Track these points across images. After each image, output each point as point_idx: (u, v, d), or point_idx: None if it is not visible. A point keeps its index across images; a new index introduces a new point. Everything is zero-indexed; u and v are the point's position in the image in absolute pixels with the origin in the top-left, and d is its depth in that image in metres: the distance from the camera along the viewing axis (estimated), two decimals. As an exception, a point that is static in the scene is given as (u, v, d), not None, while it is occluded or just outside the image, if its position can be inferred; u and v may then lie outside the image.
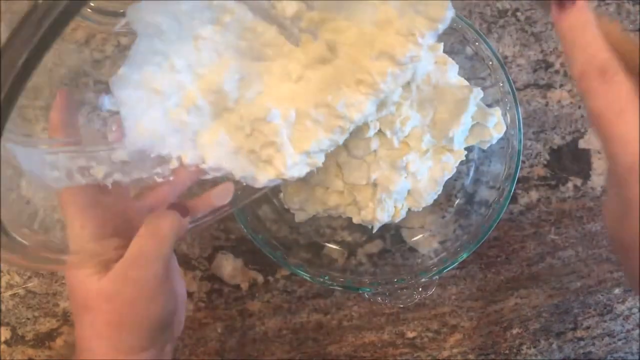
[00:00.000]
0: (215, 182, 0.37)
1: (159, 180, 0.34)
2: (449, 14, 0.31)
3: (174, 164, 0.33)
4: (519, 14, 0.52)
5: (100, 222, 0.33)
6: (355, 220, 0.47)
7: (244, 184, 0.36)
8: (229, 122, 0.34)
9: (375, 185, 0.45)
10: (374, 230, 0.48)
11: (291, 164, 0.34)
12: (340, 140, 0.35)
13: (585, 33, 0.24)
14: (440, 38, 0.45)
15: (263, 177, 0.34)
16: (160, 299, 0.32)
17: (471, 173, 0.50)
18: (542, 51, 0.52)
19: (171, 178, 0.34)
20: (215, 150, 0.33)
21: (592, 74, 0.24)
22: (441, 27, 0.32)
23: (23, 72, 0.22)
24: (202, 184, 0.39)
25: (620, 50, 0.24)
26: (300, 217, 0.48)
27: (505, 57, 0.52)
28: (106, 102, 0.34)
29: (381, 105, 0.39)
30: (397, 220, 0.48)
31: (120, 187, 0.33)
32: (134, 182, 0.33)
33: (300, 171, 0.35)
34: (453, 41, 0.46)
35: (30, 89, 0.54)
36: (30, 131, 0.50)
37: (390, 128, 0.43)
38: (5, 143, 0.27)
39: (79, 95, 0.43)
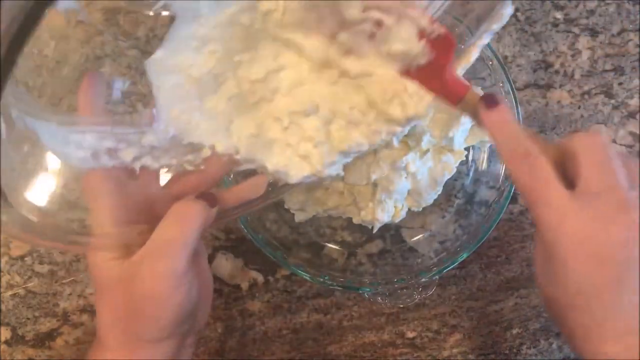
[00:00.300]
0: (246, 175, 0.36)
1: (190, 168, 0.33)
2: None
3: (206, 152, 0.32)
4: (518, 14, 0.52)
5: (124, 208, 0.32)
6: (356, 220, 0.47)
7: (270, 181, 0.35)
8: (266, 113, 0.33)
9: (375, 185, 0.45)
10: (374, 231, 0.48)
11: (328, 162, 0.33)
12: (382, 141, 0.34)
13: (509, 126, 0.30)
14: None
15: (297, 173, 0.33)
16: (182, 290, 0.31)
17: (471, 173, 0.50)
18: (542, 51, 0.53)
19: (202, 167, 0.33)
20: (250, 141, 0.32)
21: (518, 157, 0.29)
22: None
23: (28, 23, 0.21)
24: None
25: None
26: (300, 217, 0.48)
27: (505, 57, 0.52)
28: (118, 85, 0.33)
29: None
30: (397, 220, 0.48)
31: (148, 172, 0.32)
32: (163, 168, 0.32)
33: (336, 170, 0.34)
34: (453, 42, 0.46)
35: (33, 88, 0.54)
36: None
37: None
38: (25, 117, 0.26)
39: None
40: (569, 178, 0.29)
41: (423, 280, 0.45)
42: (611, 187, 0.27)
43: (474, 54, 0.34)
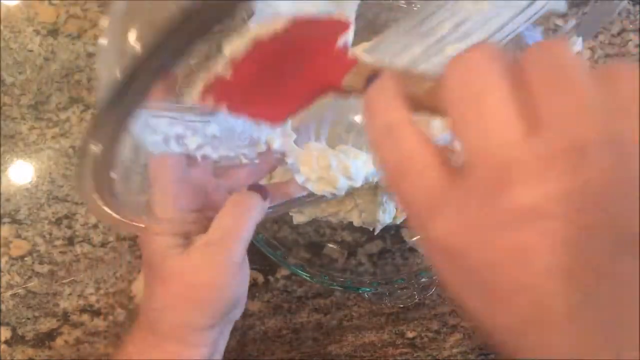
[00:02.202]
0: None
1: (244, 161, 0.34)
2: None
3: (261, 147, 0.34)
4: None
5: (185, 196, 0.33)
6: (356, 223, 0.47)
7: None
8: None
9: (376, 187, 0.45)
10: (376, 232, 0.47)
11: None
12: None
13: (379, 98, 0.21)
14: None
15: (317, 188, 0.35)
16: (236, 282, 0.32)
17: (471, 173, 0.50)
18: (542, 51, 0.53)
19: (256, 161, 0.34)
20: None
21: (380, 136, 0.20)
22: None
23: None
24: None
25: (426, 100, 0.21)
26: (298, 219, 0.48)
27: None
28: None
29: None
30: (398, 221, 0.48)
31: (204, 162, 0.33)
32: (221, 158, 0.33)
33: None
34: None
35: (17, 86, 0.54)
36: (14, 131, 0.50)
37: None
38: None
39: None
40: None
41: (423, 280, 0.45)
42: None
43: None
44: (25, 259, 0.50)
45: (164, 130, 0.30)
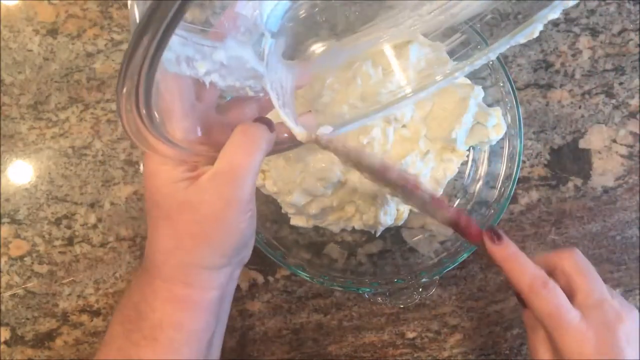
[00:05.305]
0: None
1: (251, 93, 0.32)
2: None
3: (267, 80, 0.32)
4: (520, 17, 0.52)
5: (192, 121, 0.31)
6: (357, 225, 0.47)
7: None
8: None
9: (377, 189, 0.45)
10: (377, 234, 0.47)
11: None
12: None
13: (518, 260, 0.34)
14: (443, 41, 0.45)
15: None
16: (245, 217, 0.30)
17: (471, 173, 0.50)
18: (542, 51, 0.52)
19: (261, 94, 0.32)
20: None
21: (538, 287, 0.33)
22: None
23: None
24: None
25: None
26: (296, 221, 0.48)
27: (506, 57, 0.52)
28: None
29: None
30: (399, 223, 0.47)
31: (210, 96, 0.32)
32: (228, 88, 0.32)
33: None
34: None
35: (16, 85, 0.54)
36: (14, 130, 0.50)
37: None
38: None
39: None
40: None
41: (423, 280, 0.45)
42: (605, 299, 0.34)
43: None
44: (25, 259, 0.50)
45: (176, 50, 0.29)
